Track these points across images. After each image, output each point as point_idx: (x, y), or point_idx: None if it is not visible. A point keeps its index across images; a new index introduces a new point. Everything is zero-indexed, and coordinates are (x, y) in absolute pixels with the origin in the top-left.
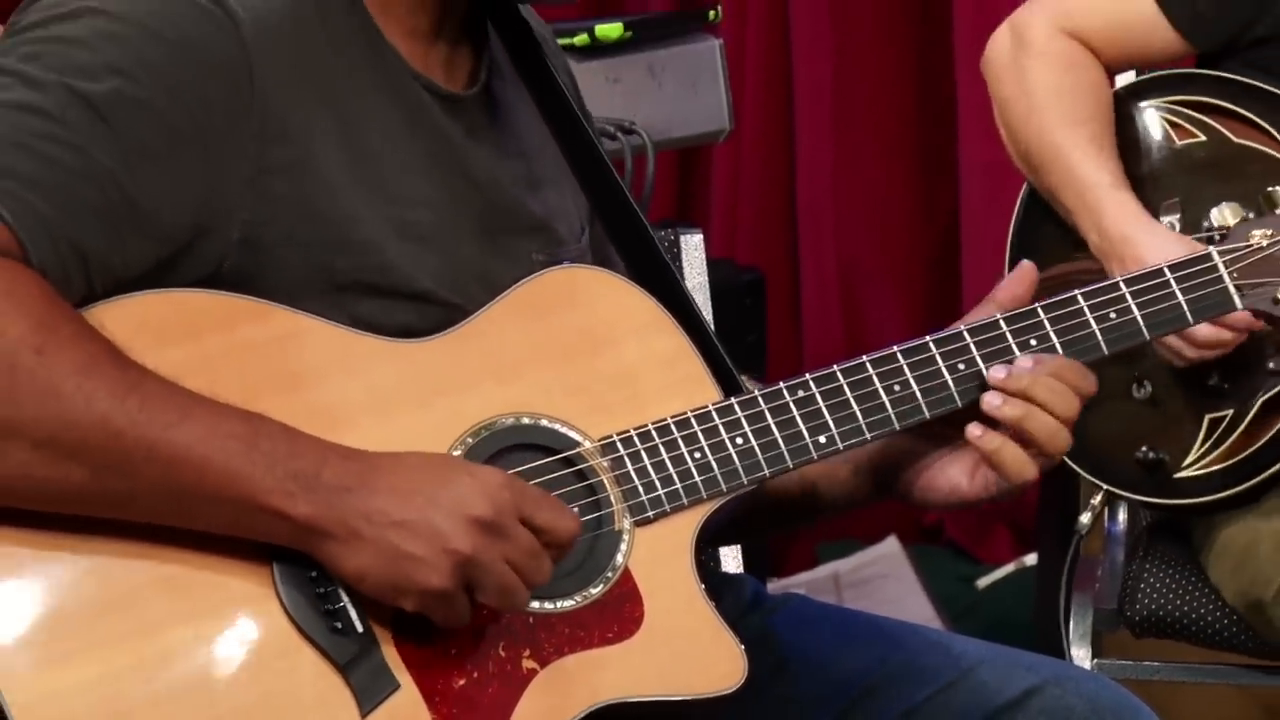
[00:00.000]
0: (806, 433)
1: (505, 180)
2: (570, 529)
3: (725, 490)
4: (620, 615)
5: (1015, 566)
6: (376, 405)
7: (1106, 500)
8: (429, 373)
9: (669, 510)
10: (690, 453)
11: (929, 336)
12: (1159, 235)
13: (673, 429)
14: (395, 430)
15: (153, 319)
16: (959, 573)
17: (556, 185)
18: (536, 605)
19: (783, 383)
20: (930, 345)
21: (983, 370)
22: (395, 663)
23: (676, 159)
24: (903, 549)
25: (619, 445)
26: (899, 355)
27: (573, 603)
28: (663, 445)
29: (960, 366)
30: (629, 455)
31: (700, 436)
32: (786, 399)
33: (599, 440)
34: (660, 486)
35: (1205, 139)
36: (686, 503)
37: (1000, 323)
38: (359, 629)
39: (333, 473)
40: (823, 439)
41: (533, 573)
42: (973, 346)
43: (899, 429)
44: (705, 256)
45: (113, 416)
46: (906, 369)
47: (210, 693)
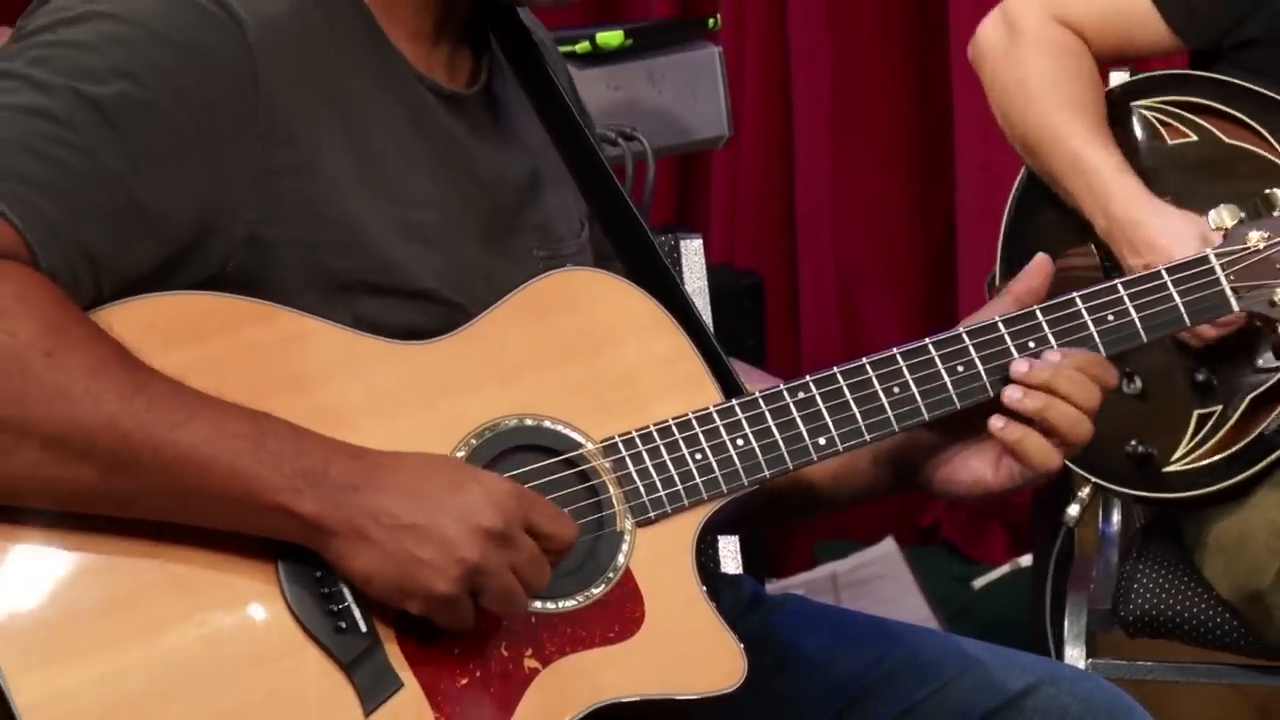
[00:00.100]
0: (806, 434)
1: (508, 178)
2: (570, 536)
3: (726, 491)
4: (621, 615)
5: (1010, 567)
6: (380, 406)
7: (1095, 494)
8: (432, 374)
9: (670, 511)
10: (691, 454)
11: (928, 339)
12: (1167, 216)
13: (674, 430)
14: (399, 431)
15: (160, 321)
16: (955, 573)
17: (556, 183)
18: (539, 605)
19: (783, 384)
20: (930, 347)
21: (981, 372)
22: (398, 662)
23: (677, 165)
24: (899, 550)
25: (620, 446)
26: (899, 357)
27: (574, 603)
28: (664, 446)
29: (959, 368)
30: (630, 456)
31: (701, 438)
32: (787, 400)
33: (601, 441)
34: (661, 487)
35: (1197, 139)
36: (687, 503)
37: (999, 325)
38: (363, 629)
39: (340, 471)
40: (822, 440)
41: (534, 579)
42: (971, 349)
43: (898, 430)
44: (705, 261)
45: (121, 417)
46: (906, 371)
47: (215, 690)
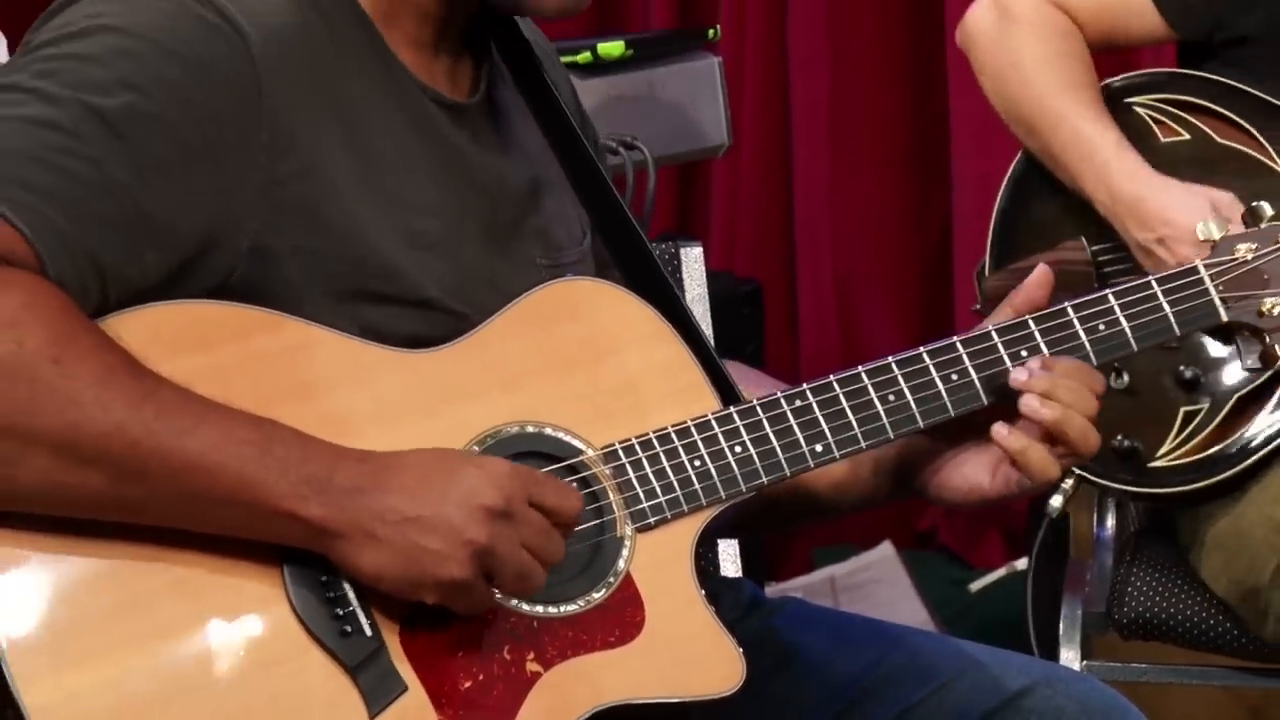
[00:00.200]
0: (803, 441)
1: (509, 186)
2: (574, 506)
3: (724, 497)
4: (622, 619)
5: (1006, 571)
6: (384, 414)
7: (1078, 485)
8: (436, 382)
9: (669, 517)
10: (690, 461)
11: (923, 348)
12: (1171, 189)
13: (673, 437)
14: (403, 439)
15: (167, 330)
16: (951, 577)
17: (557, 191)
18: (540, 609)
19: (780, 392)
20: (924, 356)
21: (975, 381)
22: (403, 665)
23: (677, 174)
24: (897, 554)
25: (621, 453)
26: (894, 366)
27: (576, 607)
28: (664, 453)
29: (954, 377)
30: (631, 463)
31: (700, 445)
32: (784, 408)
33: (601, 448)
34: (661, 494)
35: (1190, 138)
36: (686, 510)
37: (992, 334)
38: (367, 632)
39: (345, 475)
40: (819, 448)
41: (547, 552)
42: (965, 358)
43: (894, 438)
44: (705, 269)
45: (129, 424)
46: (901, 379)
47: (222, 693)
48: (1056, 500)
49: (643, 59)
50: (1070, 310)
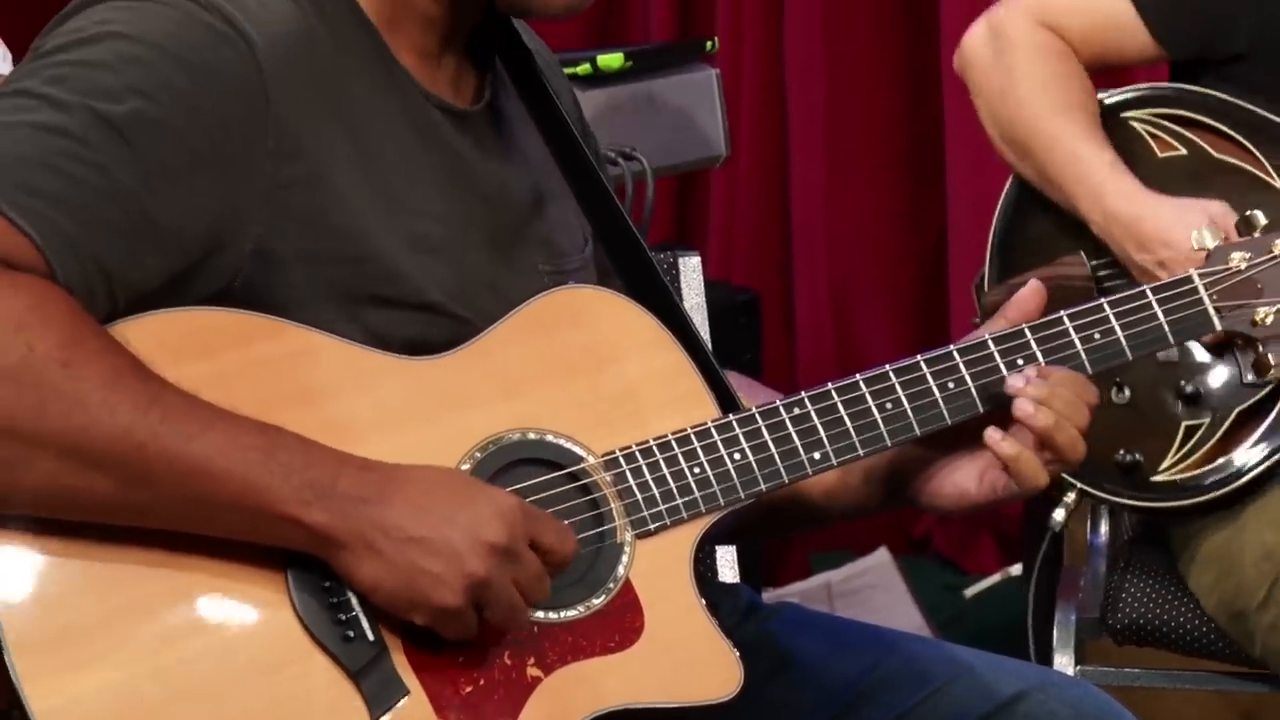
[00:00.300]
0: (802, 449)
1: (512, 194)
2: (570, 549)
3: (723, 504)
4: (622, 625)
5: (1001, 576)
6: (386, 420)
7: (1080, 500)
8: (438, 389)
9: (669, 523)
10: (690, 468)
11: (920, 356)
12: (1165, 208)
13: (673, 445)
14: (405, 445)
15: (172, 336)
16: (946, 582)
17: (559, 200)
18: (541, 615)
19: (779, 401)
20: (921, 364)
21: (971, 389)
22: (405, 670)
23: (675, 184)
24: (892, 560)
25: (621, 460)
26: (891, 374)
27: (576, 613)
28: (663, 460)
29: (950, 385)
30: (631, 470)
31: (700, 452)
32: (783, 416)
33: (602, 455)
34: (661, 501)
35: (1186, 152)
36: (686, 516)
37: (988, 342)
38: (370, 637)
39: (348, 483)
40: (817, 455)
41: (536, 593)
42: (962, 366)
43: (890, 445)
44: (703, 278)
45: (136, 429)
46: (899, 387)
47: (226, 697)
48: (1059, 514)
49: (642, 70)
50: (1066, 319)
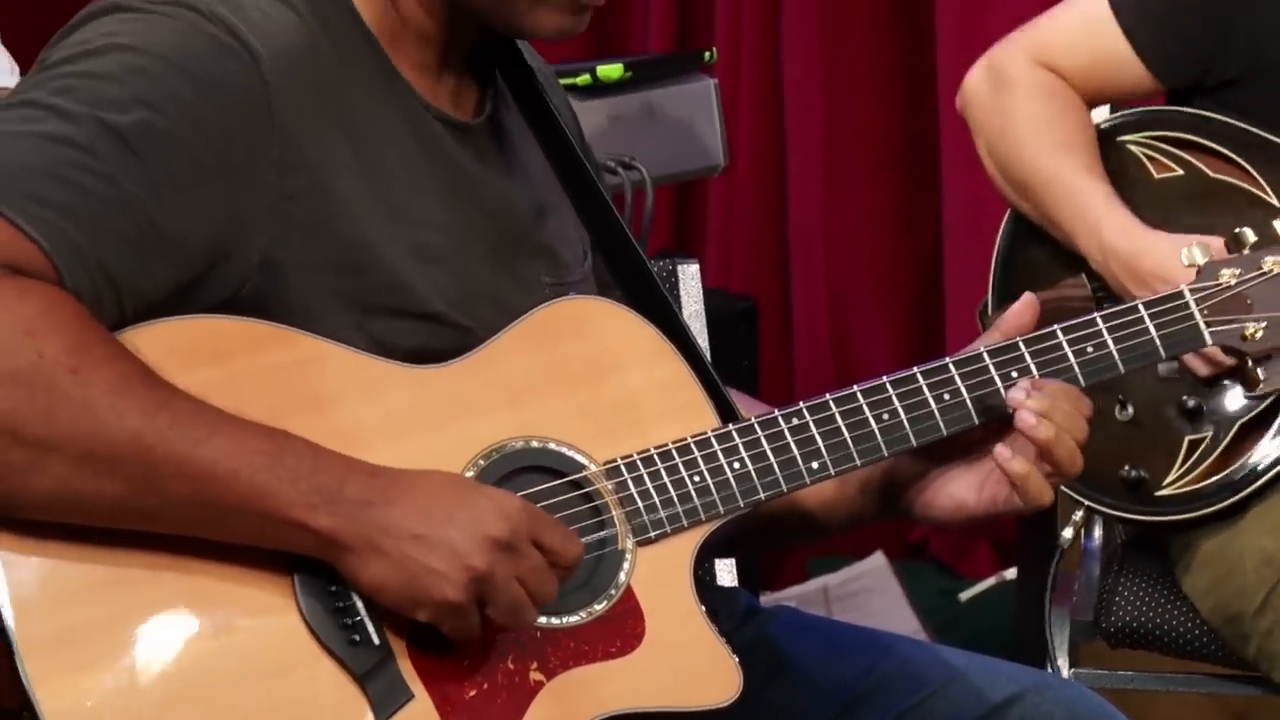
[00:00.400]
0: (800, 458)
1: (514, 206)
2: (575, 552)
3: (723, 512)
4: (623, 630)
5: (996, 580)
6: (392, 428)
7: (1087, 518)
8: (443, 397)
9: (669, 531)
10: (690, 476)
11: (917, 368)
12: (1162, 244)
13: (674, 453)
14: (410, 451)
15: (181, 343)
16: (942, 586)
17: (558, 212)
18: (544, 621)
19: (778, 411)
20: (918, 376)
21: (967, 400)
22: (409, 674)
23: (674, 192)
24: (889, 564)
25: (623, 469)
26: (888, 385)
27: (578, 618)
28: (664, 469)
29: (945, 396)
30: (632, 478)
31: (700, 461)
32: (781, 426)
33: (604, 463)
34: (661, 508)
35: (1182, 173)
36: (686, 524)
37: (983, 355)
38: (375, 641)
39: (355, 488)
40: (815, 465)
41: (541, 591)
42: (957, 378)
43: (887, 455)
44: (701, 285)
45: (144, 433)
46: (895, 399)
47: (232, 699)
48: (1068, 532)
49: (641, 81)
50: (1060, 333)
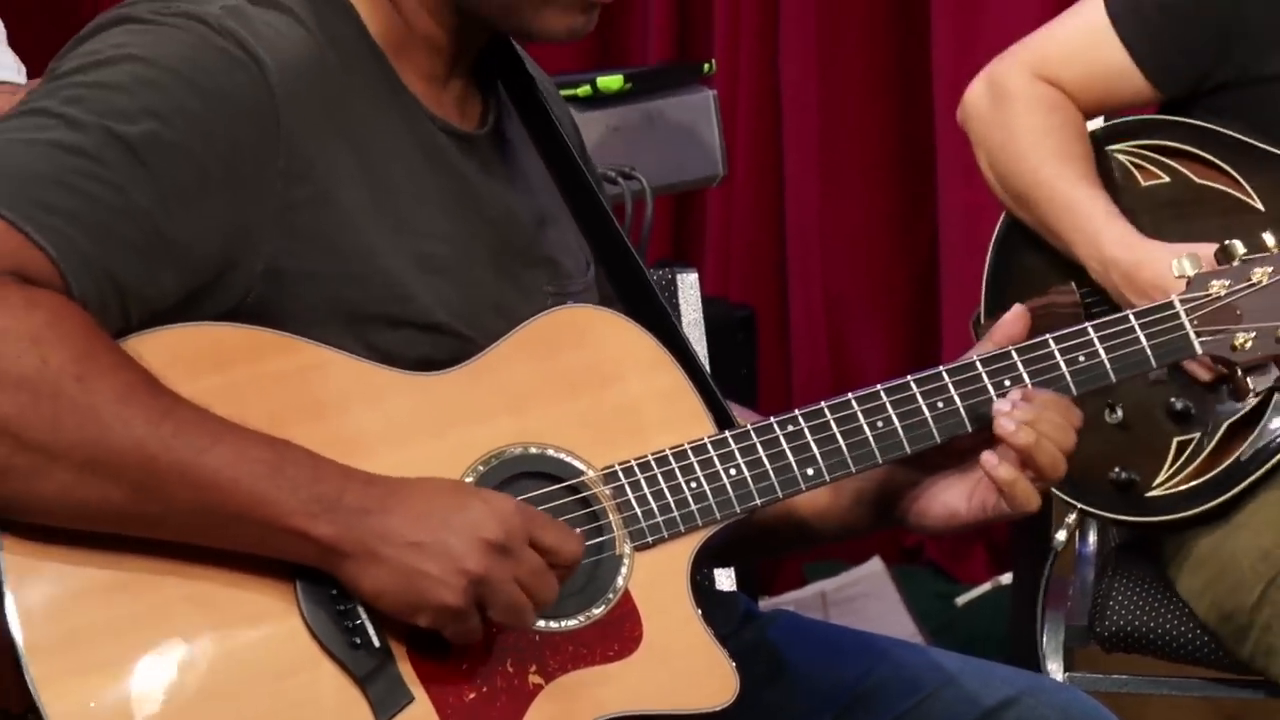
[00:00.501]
0: (795, 465)
1: (517, 216)
2: (574, 551)
3: (719, 518)
4: (621, 634)
5: (991, 585)
6: (394, 435)
7: (1080, 521)
8: (443, 404)
9: (667, 536)
10: (687, 482)
11: (911, 376)
12: (1161, 251)
13: (671, 460)
14: (411, 458)
15: (185, 351)
16: (938, 591)
17: (560, 222)
18: (542, 624)
19: (774, 418)
20: (911, 384)
21: (960, 409)
22: (410, 677)
23: (673, 202)
24: (885, 569)
25: (620, 475)
26: (882, 393)
27: (576, 622)
28: (661, 475)
29: (939, 404)
30: (630, 484)
31: (696, 468)
32: (777, 433)
33: (602, 470)
34: (659, 514)
35: (1169, 180)
36: (683, 529)
37: (976, 364)
38: (376, 645)
39: (354, 496)
40: (810, 471)
41: (540, 592)
42: (951, 386)
43: (882, 463)
44: (700, 294)
45: (148, 441)
46: (889, 406)
47: (235, 703)
48: (1061, 535)
49: (641, 92)
50: (1052, 342)
